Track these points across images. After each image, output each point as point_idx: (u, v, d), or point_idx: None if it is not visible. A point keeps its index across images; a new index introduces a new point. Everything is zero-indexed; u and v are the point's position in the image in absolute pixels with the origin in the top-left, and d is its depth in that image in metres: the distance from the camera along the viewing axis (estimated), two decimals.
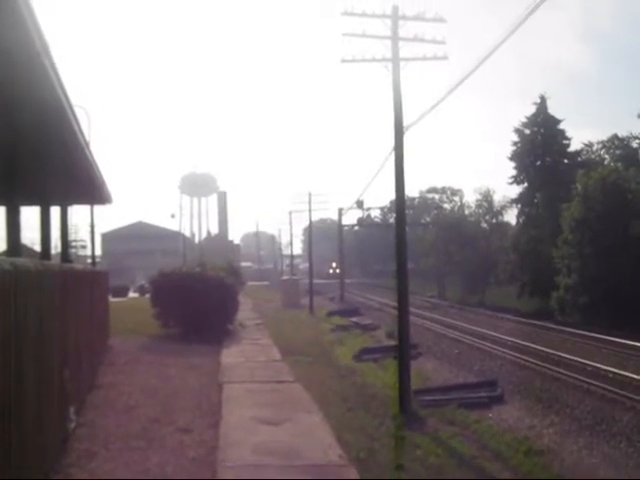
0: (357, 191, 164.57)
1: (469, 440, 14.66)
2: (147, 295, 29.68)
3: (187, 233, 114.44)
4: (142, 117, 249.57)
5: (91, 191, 17.16)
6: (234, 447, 10.30)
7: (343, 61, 17.36)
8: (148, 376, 16.69)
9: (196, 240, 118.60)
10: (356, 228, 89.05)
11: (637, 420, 16.73)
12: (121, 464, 9.50)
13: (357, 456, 10.33)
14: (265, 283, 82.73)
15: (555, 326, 36.97)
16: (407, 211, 25.86)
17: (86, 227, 77.61)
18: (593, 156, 58.41)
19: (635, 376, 21.09)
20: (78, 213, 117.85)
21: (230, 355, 20.62)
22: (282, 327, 31.22)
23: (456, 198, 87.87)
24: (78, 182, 15.22)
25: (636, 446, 15.09)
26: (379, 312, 46.40)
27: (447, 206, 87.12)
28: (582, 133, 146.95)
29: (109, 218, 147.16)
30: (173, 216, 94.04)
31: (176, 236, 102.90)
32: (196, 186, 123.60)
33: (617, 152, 57.33)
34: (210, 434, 11.13)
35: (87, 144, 12.40)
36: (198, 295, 24.34)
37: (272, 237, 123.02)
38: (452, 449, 13.33)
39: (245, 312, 34.76)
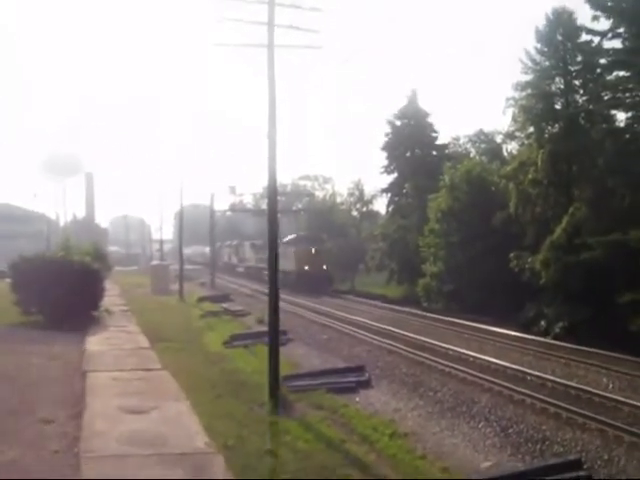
0: (230, 177, 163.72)
1: (337, 424, 14.93)
2: (7, 280, 28.29)
3: (52, 216, 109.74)
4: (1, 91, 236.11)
5: None
6: (98, 437, 9.99)
7: (216, 44, 17.10)
8: (6, 365, 15.87)
9: (61, 223, 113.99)
10: (228, 213, 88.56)
11: (494, 401, 17.58)
12: None
13: (225, 443, 10.27)
14: (134, 268, 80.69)
15: (421, 312, 38.22)
16: (279, 198, 25.93)
17: None
18: (460, 149, 60.81)
19: (493, 359, 22.16)
20: None
21: (95, 343, 19.97)
22: (150, 313, 30.59)
23: (328, 186, 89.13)
24: None
25: (493, 426, 15.84)
26: (250, 298, 46.33)
27: (319, 194, 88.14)
28: (450, 127, 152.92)
29: None
30: (35, 196, 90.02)
31: (39, 218, 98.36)
32: (61, 166, 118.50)
33: (482, 146, 60.02)
34: (73, 425, 10.75)
35: None
36: (62, 281, 23.46)
37: (141, 221, 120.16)
38: (320, 433, 13.53)
39: (112, 298, 33.78)
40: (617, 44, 33.36)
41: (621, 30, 32.56)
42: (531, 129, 37.44)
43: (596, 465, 13.05)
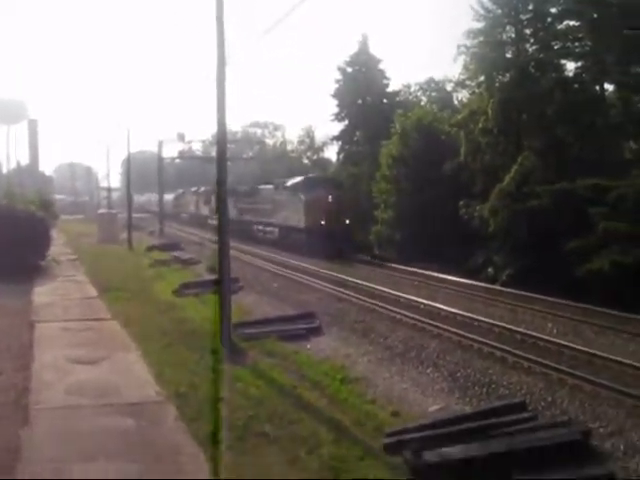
0: (179, 124, 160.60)
1: (288, 371, 15.00)
2: None
3: None
4: None
5: None
6: (47, 389, 9.90)
7: None
8: None
9: (4, 171, 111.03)
10: (177, 161, 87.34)
11: (443, 347, 17.86)
12: None
13: (176, 391, 10.26)
14: (80, 217, 79.24)
15: (372, 259, 38.44)
16: (229, 145, 25.60)
17: None
18: (410, 97, 60.70)
19: (442, 306, 22.48)
20: None
21: (42, 293, 19.70)
22: (99, 263, 30.18)
23: (278, 133, 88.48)
24: None
25: (441, 371, 16.14)
26: (200, 246, 45.95)
27: (270, 141, 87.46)
28: (401, 74, 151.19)
29: None
30: None
31: None
32: (4, 113, 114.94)
33: (433, 94, 60.03)
34: (21, 376, 10.62)
35: None
36: (6, 230, 22.97)
37: (88, 168, 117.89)
38: (272, 380, 13.59)
39: (59, 247, 33.29)
40: None
41: None
42: (482, 78, 37.51)
43: (540, 407, 13.41)
